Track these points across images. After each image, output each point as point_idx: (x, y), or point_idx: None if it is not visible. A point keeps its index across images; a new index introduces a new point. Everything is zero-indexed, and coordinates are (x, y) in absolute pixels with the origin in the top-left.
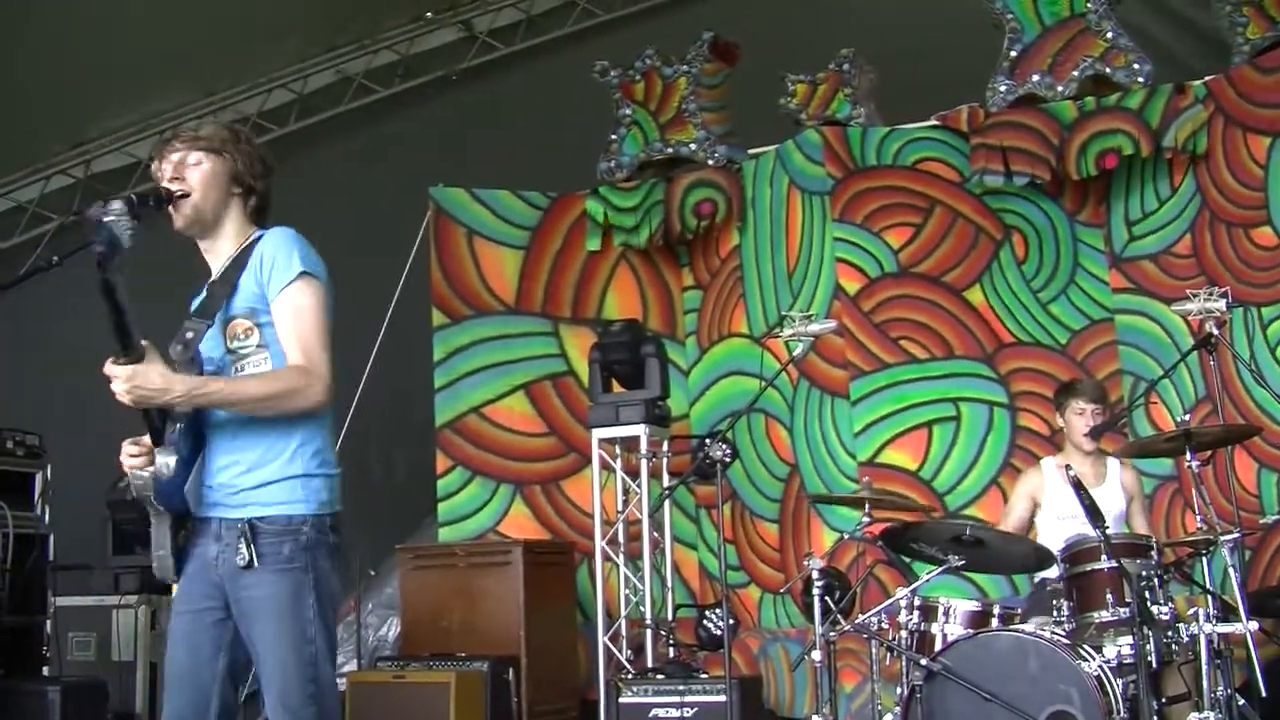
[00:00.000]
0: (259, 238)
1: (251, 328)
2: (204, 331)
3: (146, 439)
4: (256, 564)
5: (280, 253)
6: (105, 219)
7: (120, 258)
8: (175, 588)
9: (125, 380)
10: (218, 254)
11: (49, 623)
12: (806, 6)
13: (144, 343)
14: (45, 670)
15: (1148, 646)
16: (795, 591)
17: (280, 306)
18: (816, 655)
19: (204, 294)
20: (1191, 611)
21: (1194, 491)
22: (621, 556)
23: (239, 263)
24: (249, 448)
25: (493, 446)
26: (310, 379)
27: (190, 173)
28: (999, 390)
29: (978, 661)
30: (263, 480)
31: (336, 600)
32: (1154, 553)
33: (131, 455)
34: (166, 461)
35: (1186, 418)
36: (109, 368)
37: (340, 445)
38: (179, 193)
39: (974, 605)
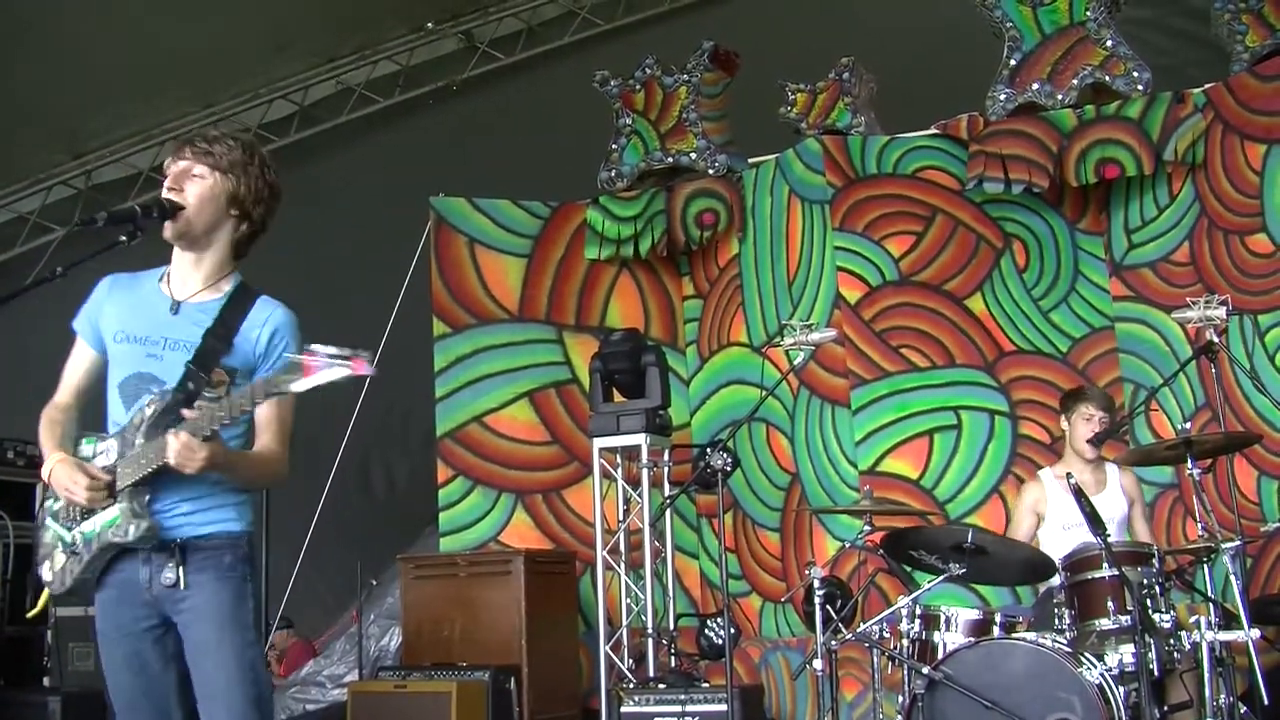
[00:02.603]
0: (254, 297)
1: (224, 381)
2: (203, 385)
3: (97, 472)
4: (184, 582)
5: (290, 344)
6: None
7: None
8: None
9: (195, 450)
10: (195, 271)
11: (49, 633)
12: (806, 16)
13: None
14: (45, 681)
15: (1149, 655)
16: (796, 600)
17: None
18: (818, 664)
19: (199, 343)
20: (1193, 619)
21: (1195, 499)
22: (623, 565)
23: (233, 316)
24: (194, 485)
25: (494, 456)
26: (284, 470)
27: (190, 185)
28: (1000, 399)
29: (979, 670)
30: (199, 506)
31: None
32: (1155, 561)
33: (92, 490)
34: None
35: (1187, 425)
36: (183, 436)
37: (341, 456)
38: (172, 205)
39: (976, 614)
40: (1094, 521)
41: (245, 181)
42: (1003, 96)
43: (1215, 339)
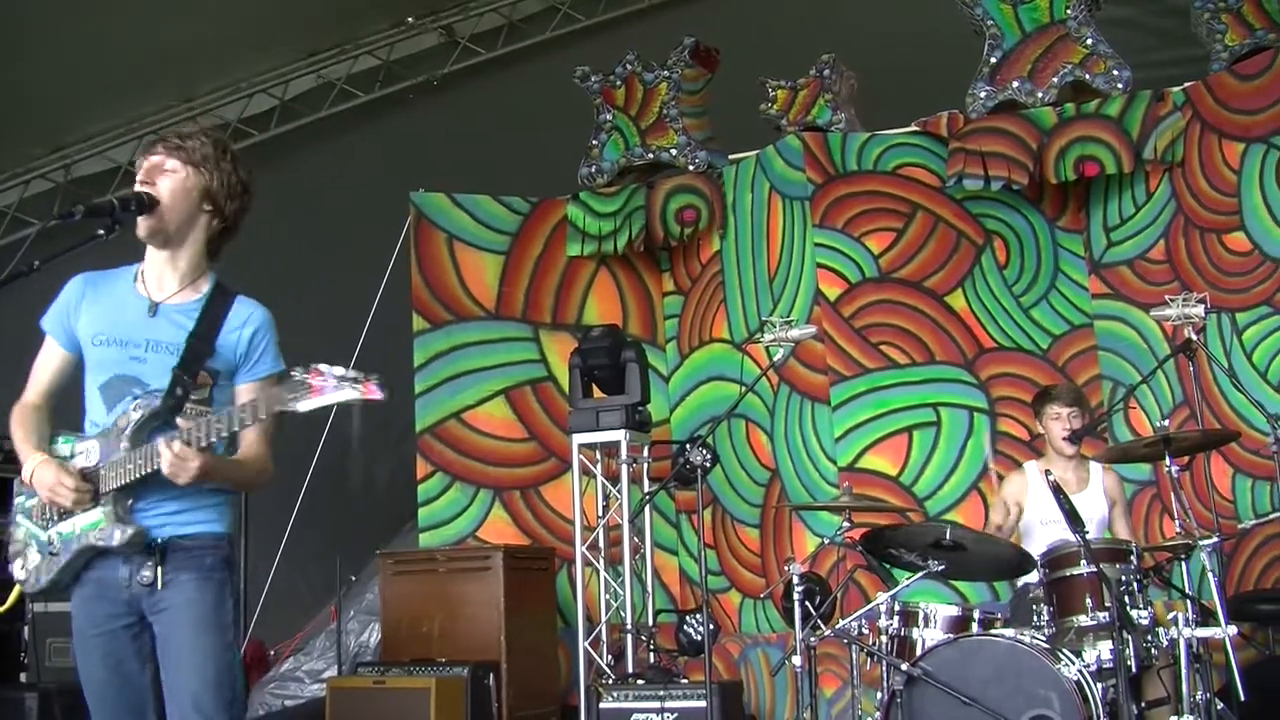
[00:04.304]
0: (232, 297)
1: (208, 384)
2: (190, 389)
3: (78, 476)
4: (160, 583)
5: (270, 344)
6: None
7: None
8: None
9: (186, 459)
10: (170, 271)
11: (27, 629)
12: (787, 12)
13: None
14: (23, 677)
15: (1127, 651)
16: (776, 596)
17: (254, 392)
18: (797, 660)
19: (182, 347)
20: (1170, 616)
21: (1172, 496)
22: (602, 562)
23: (214, 318)
24: (178, 487)
25: (473, 452)
26: (269, 471)
27: (162, 180)
28: (979, 395)
29: (958, 666)
30: (181, 506)
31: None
32: (1133, 558)
33: (78, 493)
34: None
35: (1165, 423)
36: (177, 447)
37: (320, 451)
38: (148, 198)
39: (954, 610)
40: (1072, 518)
41: (218, 176)
42: (983, 94)
43: (1194, 337)
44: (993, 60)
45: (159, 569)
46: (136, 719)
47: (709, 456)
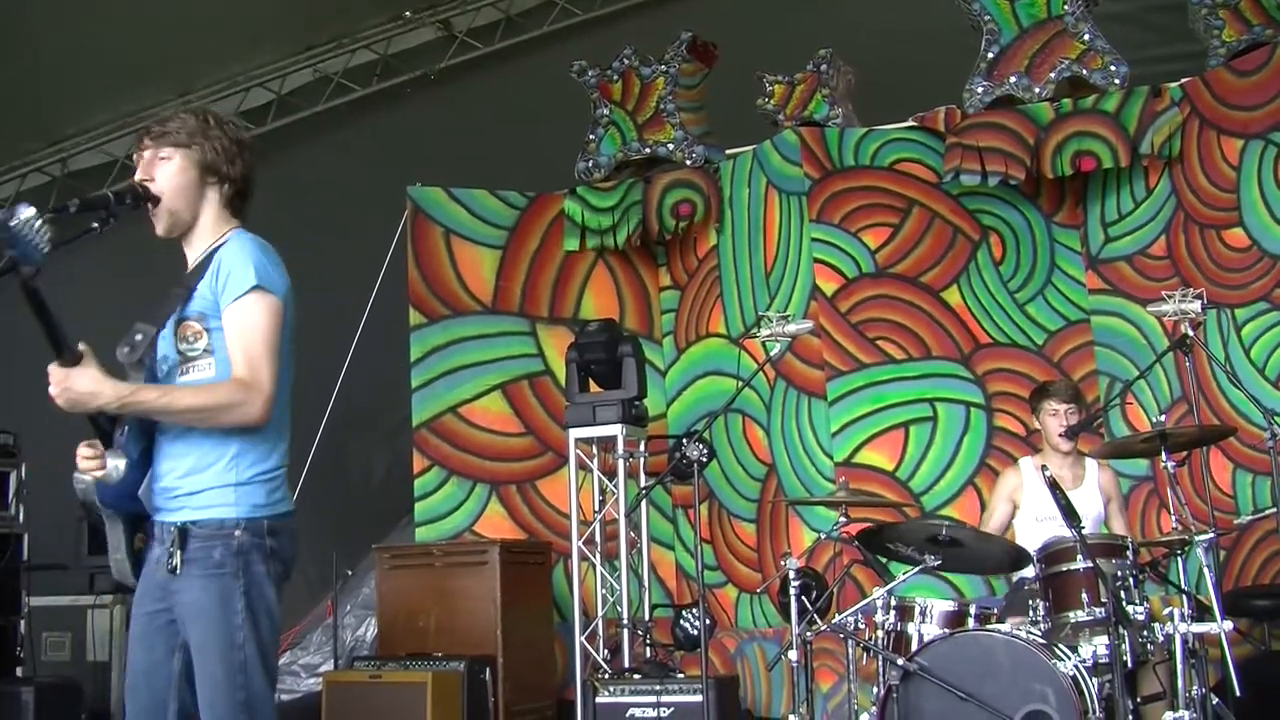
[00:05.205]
0: (225, 242)
1: (201, 331)
2: (152, 335)
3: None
4: (180, 570)
5: (236, 263)
6: (11, 223)
7: (39, 265)
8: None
9: (56, 384)
10: (194, 248)
11: (23, 623)
12: (784, 7)
13: (81, 346)
14: (19, 671)
15: (1123, 646)
16: (772, 591)
17: (229, 318)
18: (793, 655)
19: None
20: (1166, 611)
21: (1169, 492)
22: (598, 556)
23: (202, 266)
24: (187, 452)
25: (469, 446)
26: (249, 394)
27: (159, 171)
28: (975, 391)
29: (954, 661)
30: (198, 486)
31: (272, 605)
32: (1129, 553)
33: (85, 458)
34: (116, 465)
35: (1162, 418)
36: (50, 369)
37: (316, 444)
38: (146, 191)
39: (950, 605)
40: (1069, 514)
41: (209, 146)
42: (980, 89)
43: (1190, 332)
44: (990, 55)
45: (180, 553)
46: (156, 707)
47: (705, 451)
